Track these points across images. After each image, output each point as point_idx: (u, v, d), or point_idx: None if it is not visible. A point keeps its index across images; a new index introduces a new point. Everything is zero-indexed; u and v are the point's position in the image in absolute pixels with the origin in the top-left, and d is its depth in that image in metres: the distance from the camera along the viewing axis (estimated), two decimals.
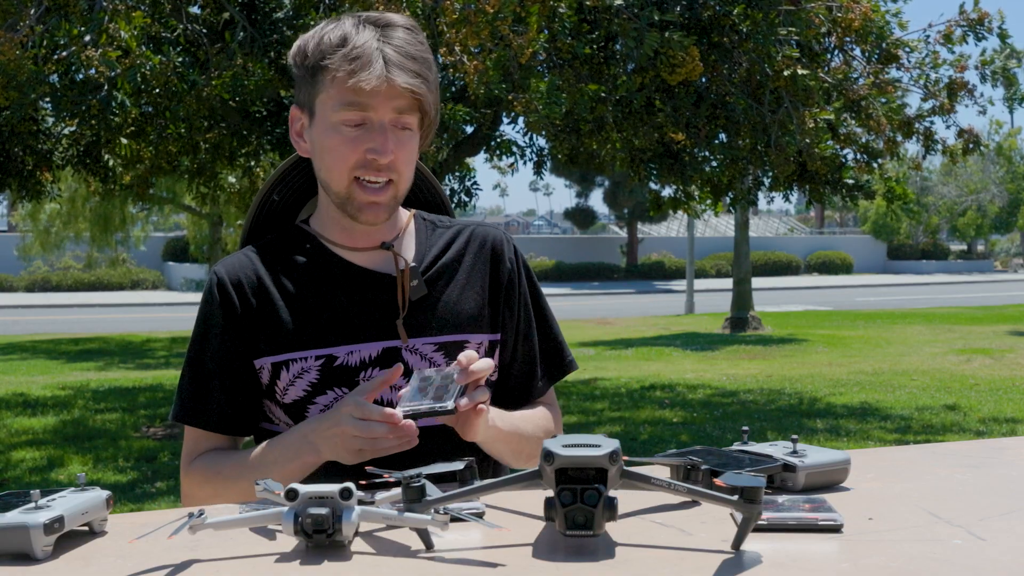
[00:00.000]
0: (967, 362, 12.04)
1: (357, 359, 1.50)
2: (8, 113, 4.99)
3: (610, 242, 44.10)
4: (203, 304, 1.56)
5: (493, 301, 1.61)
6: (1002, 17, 6.12)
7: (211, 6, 5.58)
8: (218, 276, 1.54)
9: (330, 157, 1.47)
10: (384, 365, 1.50)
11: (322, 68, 1.45)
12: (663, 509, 1.19)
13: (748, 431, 1.38)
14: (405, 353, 1.52)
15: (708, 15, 5.72)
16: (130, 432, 8.00)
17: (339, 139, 1.46)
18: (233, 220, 16.03)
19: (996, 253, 51.64)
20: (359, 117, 1.44)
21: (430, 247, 1.60)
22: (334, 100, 1.45)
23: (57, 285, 32.61)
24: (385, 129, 1.45)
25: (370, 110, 1.44)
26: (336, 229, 1.56)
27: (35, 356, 14.38)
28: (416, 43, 1.47)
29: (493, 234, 1.65)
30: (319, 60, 1.45)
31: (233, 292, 1.53)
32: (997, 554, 1.00)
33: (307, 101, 1.50)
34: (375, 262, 1.56)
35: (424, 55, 1.47)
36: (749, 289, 17.92)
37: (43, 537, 1.01)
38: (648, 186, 7.23)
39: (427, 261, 1.58)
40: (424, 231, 1.62)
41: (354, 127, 1.45)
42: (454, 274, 1.59)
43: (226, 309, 1.52)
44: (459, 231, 1.63)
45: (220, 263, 1.58)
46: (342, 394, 1.49)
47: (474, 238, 1.63)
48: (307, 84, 1.49)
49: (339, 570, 0.98)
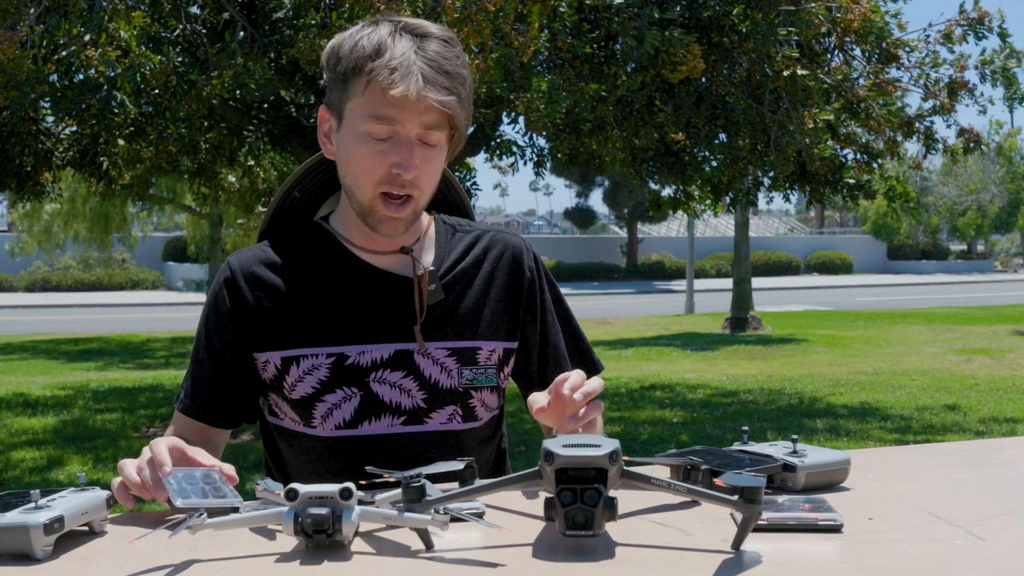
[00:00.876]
0: (967, 362, 12.04)
1: (369, 360, 1.50)
2: (8, 113, 4.99)
3: (610, 242, 44.11)
4: (211, 293, 1.56)
5: (512, 309, 1.60)
6: (1002, 16, 6.12)
7: (211, 6, 5.58)
8: (231, 267, 1.54)
9: (357, 167, 1.46)
10: (396, 367, 1.50)
11: (355, 75, 1.43)
12: (663, 509, 1.19)
13: (748, 431, 1.38)
14: (417, 357, 1.51)
15: (708, 15, 5.72)
16: (130, 432, 8.00)
17: (366, 150, 1.44)
18: (233, 220, 16.03)
19: (996, 253, 51.64)
20: (387, 131, 1.42)
21: (449, 251, 1.59)
22: (363, 109, 1.43)
23: (57, 285, 32.62)
24: (412, 144, 1.43)
25: (398, 124, 1.42)
26: (356, 230, 1.55)
27: (35, 356, 14.38)
28: (452, 57, 1.44)
29: (512, 241, 1.64)
30: (352, 66, 1.43)
31: (244, 284, 1.52)
32: (997, 554, 1.00)
33: (337, 105, 1.48)
34: (393, 264, 1.55)
35: (459, 70, 1.44)
36: (749, 289, 17.93)
37: (43, 537, 1.01)
38: (648, 186, 7.23)
39: (446, 266, 1.57)
40: (444, 235, 1.61)
41: (381, 140, 1.43)
42: (472, 280, 1.58)
43: (233, 300, 1.52)
44: (478, 236, 1.62)
45: (234, 254, 1.57)
46: (351, 393, 1.50)
47: (493, 245, 1.62)
48: (338, 88, 1.47)
49: (339, 570, 0.98)
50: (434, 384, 1.52)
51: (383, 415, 1.50)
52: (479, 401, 1.56)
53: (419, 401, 1.51)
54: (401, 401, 1.50)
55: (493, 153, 6.95)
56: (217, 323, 1.53)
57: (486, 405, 1.58)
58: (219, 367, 1.53)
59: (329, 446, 1.51)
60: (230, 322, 1.52)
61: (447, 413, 1.53)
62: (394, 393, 1.50)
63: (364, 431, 1.50)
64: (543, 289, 1.64)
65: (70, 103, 4.64)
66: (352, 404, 1.50)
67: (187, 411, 1.54)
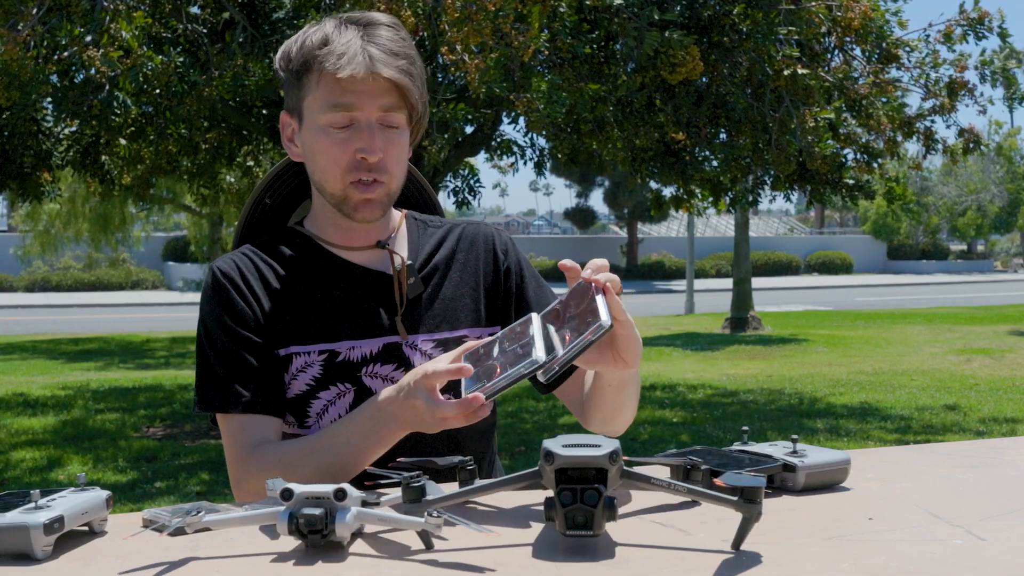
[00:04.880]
0: (967, 362, 12.04)
1: (359, 355, 1.51)
2: (9, 114, 4.99)
3: (610, 242, 44.10)
4: (208, 301, 1.53)
5: (490, 295, 1.62)
6: (1002, 16, 6.12)
7: (211, 6, 5.58)
8: (220, 271, 1.53)
9: (322, 160, 1.48)
10: (385, 361, 1.52)
11: (306, 70, 1.46)
12: (663, 509, 1.19)
13: (748, 431, 1.38)
14: (405, 349, 1.53)
15: (708, 14, 5.73)
16: (130, 432, 8.00)
17: (328, 141, 1.46)
18: (233, 220, 16.04)
19: (996, 253, 51.64)
20: (346, 118, 1.45)
21: (423, 245, 1.61)
22: (320, 102, 1.45)
23: (57, 285, 32.62)
24: (373, 128, 1.45)
25: (356, 109, 1.44)
26: (331, 230, 1.57)
27: (35, 356, 14.38)
28: (399, 39, 1.47)
29: (484, 230, 1.67)
30: (302, 62, 1.46)
31: (240, 283, 1.52)
32: (997, 554, 1.00)
33: (295, 106, 1.51)
34: (371, 261, 1.57)
35: (407, 51, 1.47)
36: (749, 289, 17.93)
37: (43, 537, 1.01)
38: (649, 186, 7.23)
39: (421, 259, 1.59)
40: (416, 230, 1.63)
41: (341, 128, 1.45)
42: (448, 271, 1.60)
43: (239, 296, 1.51)
44: (450, 229, 1.65)
45: (218, 260, 1.57)
46: (345, 389, 1.50)
47: (465, 235, 1.65)
48: (294, 88, 1.49)
49: (336, 570, 0.98)
50: None
51: None
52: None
53: None
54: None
55: (493, 153, 6.96)
56: (222, 311, 1.51)
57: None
58: (260, 360, 1.49)
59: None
60: (240, 320, 1.50)
61: None
62: (386, 386, 1.49)
63: None
64: (521, 269, 1.65)
65: (72, 103, 4.64)
66: (346, 400, 1.51)
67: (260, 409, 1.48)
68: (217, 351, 1.50)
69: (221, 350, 1.50)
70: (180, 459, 6.93)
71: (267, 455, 1.46)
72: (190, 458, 6.94)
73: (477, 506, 1.22)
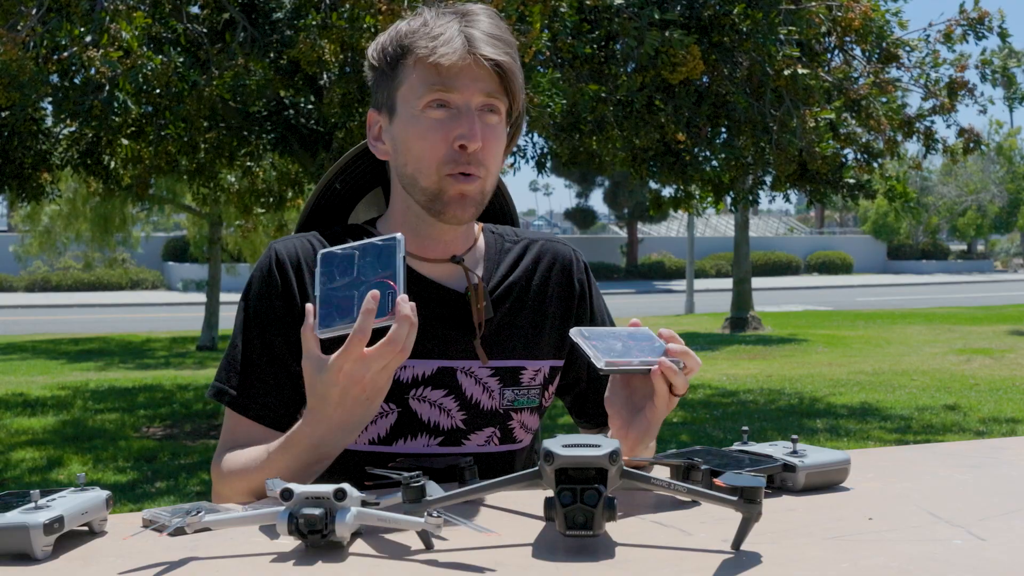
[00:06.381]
0: (967, 362, 12.04)
1: (410, 375, 1.42)
2: (9, 114, 4.99)
3: (610, 242, 44.10)
4: (258, 283, 1.44)
5: (561, 324, 1.53)
6: (1002, 16, 6.12)
7: (211, 6, 5.58)
8: (277, 255, 1.43)
9: (418, 148, 1.38)
10: (436, 385, 1.43)
11: (402, 55, 1.37)
12: (663, 509, 1.18)
13: (748, 431, 1.38)
14: (460, 375, 1.44)
15: (708, 14, 5.73)
16: (130, 432, 8.00)
17: (425, 127, 1.36)
18: (233, 220, 16.00)
19: (996, 253, 51.64)
20: (444, 98, 1.35)
21: (498, 264, 1.51)
22: (417, 88, 1.36)
23: (57, 285, 32.63)
24: (472, 113, 1.35)
25: (455, 92, 1.35)
26: (407, 235, 1.39)
27: (35, 356, 14.38)
28: (500, 25, 1.39)
29: (562, 251, 1.57)
30: (398, 47, 1.38)
31: (292, 274, 1.42)
32: (997, 554, 1.00)
33: (387, 99, 1.41)
34: (443, 275, 1.46)
35: (508, 38, 1.39)
36: (749, 289, 17.93)
37: (43, 537, 1.01)
38: (649, 186, 7.23)
39: (495, 280, 1.49)
40: (493, 247, 1.53)
41: (439, 109, 1.36)
42: (521, 295, 1.51)
43: (285, 290, 1.42)
44: (527, 247, 1.55)
45: (279, 241, 1.46)
46: (388, 409, 1.42)
47: (543, 256, 1.55)
48: (387, 80, 1.40)
49: (336, 570, 0.98)
50: (475, 404, 1.45)
51: (420, 434, 1.43)
52: (518, 423, 1.50)
53: (458, 422, 1.45)
54: (440, 421, 1.43)
55: None
56: (270, 318, 1.42)
57: (525, 426, 1.51)
58: (278, 368, 1.41)
59: (360, 460, 1.41)
60: (282, 317, 1.41)
61: (485, 435, 1.47)
62: (433, 412, 1.42)
63: (399, 448, 1.43)
64: (592, 300, 1.57)
65: (72, 104, 4.64)
66: (388, 420, 1.43)
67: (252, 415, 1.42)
68: (245, 343, 1.43)
69: (246, 342, 1.43)
70: (180, 459, 6.93)
71: (224, 462, 1.41)
72: (190, 458, 6.94)
73: (477, 506, 1.22)
